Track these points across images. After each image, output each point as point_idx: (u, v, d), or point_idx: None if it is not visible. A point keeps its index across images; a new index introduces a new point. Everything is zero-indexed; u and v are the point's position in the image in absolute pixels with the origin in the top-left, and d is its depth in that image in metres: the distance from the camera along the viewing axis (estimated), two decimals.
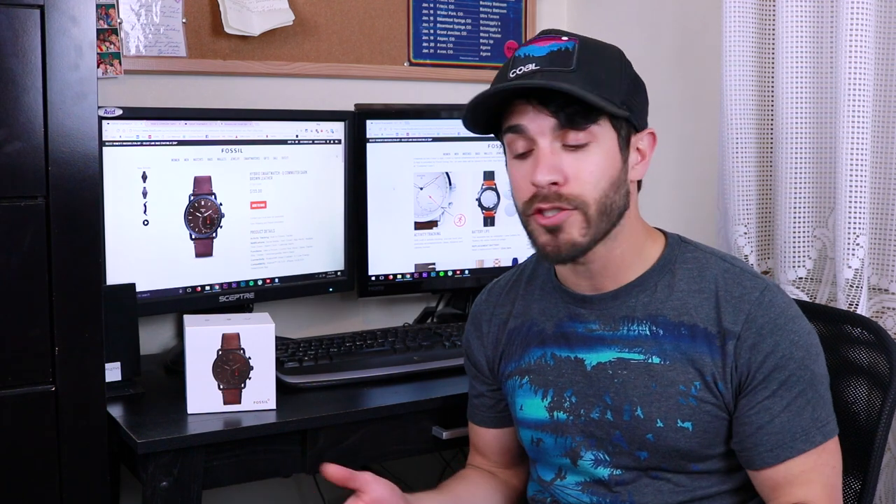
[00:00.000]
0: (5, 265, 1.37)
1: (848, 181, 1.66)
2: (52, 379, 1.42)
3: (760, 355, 1.28)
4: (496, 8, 2.45)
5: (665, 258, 1.37)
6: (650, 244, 1.38)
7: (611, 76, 1.29)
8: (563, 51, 1.27)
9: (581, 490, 1.39)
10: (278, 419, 1.59)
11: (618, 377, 1.34)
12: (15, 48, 1.35)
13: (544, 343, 1.42)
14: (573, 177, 1.27)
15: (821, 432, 1.29)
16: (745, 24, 1.83)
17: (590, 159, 1.28)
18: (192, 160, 1.89)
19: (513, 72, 1.29)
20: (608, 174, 1.29)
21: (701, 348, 1.31)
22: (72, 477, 1.44)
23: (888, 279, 1.71)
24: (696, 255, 1.38)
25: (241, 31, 2.07)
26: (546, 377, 1.40)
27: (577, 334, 1.38)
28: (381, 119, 2.10)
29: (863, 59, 1.64)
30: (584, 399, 1.37)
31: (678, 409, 1.30)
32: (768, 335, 1.29)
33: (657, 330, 1.33)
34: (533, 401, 1.41)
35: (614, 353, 1.35)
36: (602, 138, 1.28)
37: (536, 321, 1.44)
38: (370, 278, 2.13)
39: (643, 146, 1.35)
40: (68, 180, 1.40)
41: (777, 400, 1.28)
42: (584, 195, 1.27)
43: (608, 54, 1.32)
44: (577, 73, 1.25)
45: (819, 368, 1.32)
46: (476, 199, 2.20)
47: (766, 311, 1.30)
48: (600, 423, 1.35)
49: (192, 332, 1.57)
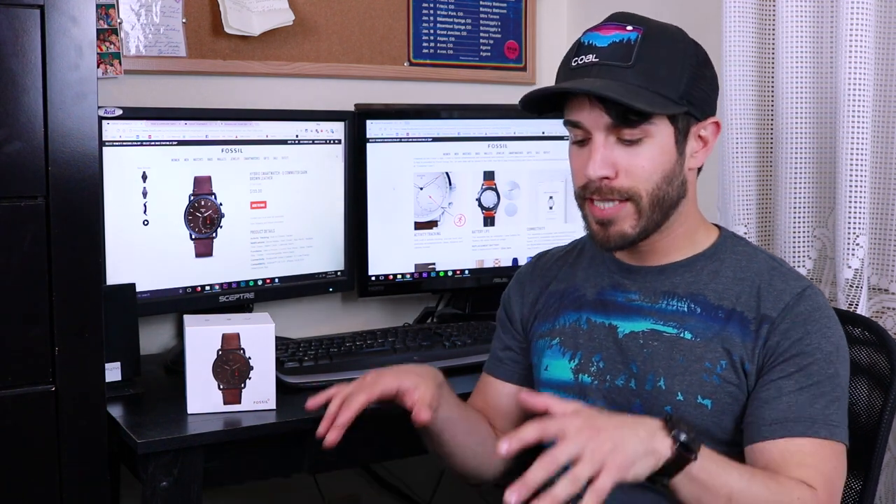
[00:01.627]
0: (5, 265, 1.37)
1: (848, 181, 1.66)
2: (52, 379, 1.42)
3: (788, 341, 1.29)
4: (496, 8, 2.45)
5: (716, 247, 1.39)
6: (703, 233, 1.40)
7: (672, 70, 1.29)
8: (624, 42, 1.28)
9: None
10: (278, 419, 1.59)
11: (648, 347, 1.35)
12: (15, 48, 1.35)
13: (581, 307, 1.43)
14: (625, 171, 1.29)
15: (827, 429, 1.26)
16: (745, 24, 1.83)
17: (644, 154, 1.29)
18: (192, 160, 1.89)
19: (575, 61, 1.30)
20: (661, 168, 1.30)
21: (734, 329, 1.31)
22: (72, 477, 1.44)
23: (888, 279, 1.71)
24: (746, 249, 1.40)
25: (241, 31, 2.07)
26: (577, 340, 1.42)
27: (617, 303, 1.40)
28: (381, 119, 2.10)
29: (863, 59, 1.64)
30: (612, 365, 1.38)
31: (700, 386, 1.31)
32: (801, 324, 1.30)
33: (695, 308, 1.34)
34: (560, 362, 1.43)
35: (649, 324, 1.36)
36: (657, 134, 1.29)
37: (579, 287, 1.46)
38: (370, 278, 2.13)
39: (706, 134, 1.35)
40: (68, 180, 1.40)
41: (790, 382, 1.28)
42: (635, 188, 1.30)
43: (672, 44, 1.31)
44: (634, 69, 1.26)
45: (844, 371, 1.31)
46: (476, 199, 2.20)
47: (804, 303, 1.31)
48: (623, 390, 1.36)
49: (192, 332, 1.57)
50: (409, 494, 2.39)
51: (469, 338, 1.94)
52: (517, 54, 2.48)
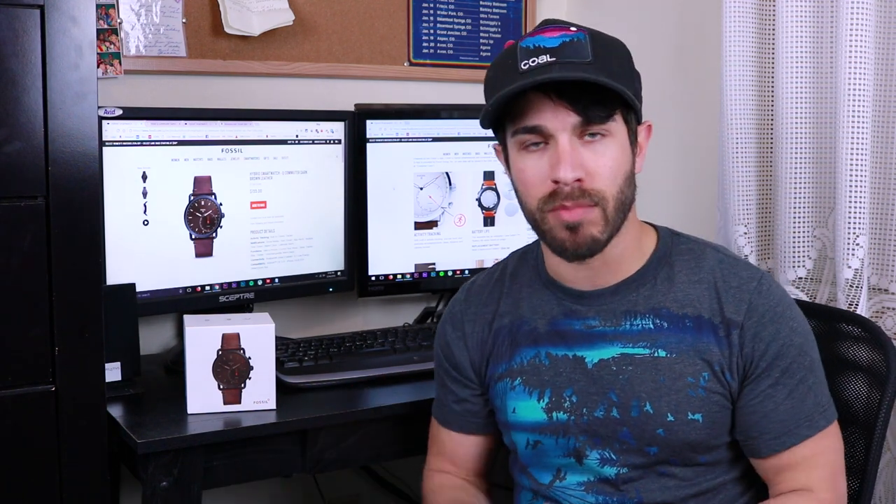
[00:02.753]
0: (5, 265, 1.37)
1: (848, 181, 1.66)
2: (52, 379, 1.42)
3: (763, 344, 1.30)
4: (496, 8, 2.45)
5: (660, 251, 1.37)
6: (644, 237, 1.39)
7: (623, 68, 1.29)
8: (576, 42, 1.24)
9: (584, 490, 1.37)
10: (278, 419, 1.59)
11: (623, 373, 1.33)
12: (15, 48, 1.35)
13: (537, 342, 1.39)
14: (592, 173, 1.25)
15: (823, 416, 1.32)
16: (745, 24, 1.83)
17: (607, 153, 1.26)
18: (192, 160, 1.89)
19: (525, 63, 1.24)
20: (623, 168, 1.29)
21: (707, 338, 1.31)
22: (72, 477, 1.44)
23: (888, 279, 1.71)
24: (690, 246, 1.39)
25: (241, 31, 2.07)
26: (541, 377, 1.38)
27: (575, 331, 1.37)
28: (381, 119, 2.10)
29: (863, 59, 1.64)
30: (587, 398, 1.35)
31: (688, 402, 1.30)
32: (769, 323, 1.30)
33: (661, 322, 1.33)
34: (527, 402, 1.38)
35: (617, 349, 1.34)
36: (617, 133, 1.28)
37: (527, 319, 1.40)
38: (370, 278, 2.13)
39: (641, 139, 1.34)
40: (68, 180, 1.40)
41: (780, 388, 1.30)
42: (605, 190, 1.26)
43: (617, 45, 1.32)
44: (595, 64, 1.23)
45: (815, 353, 1.35)
46: (476, 199, 2.20)
47: (765, 299, 1.32)
48: (605, 421, 1.34)
49: (192, 332, 1.57)
50: (409, 494, 2.39)
51: None
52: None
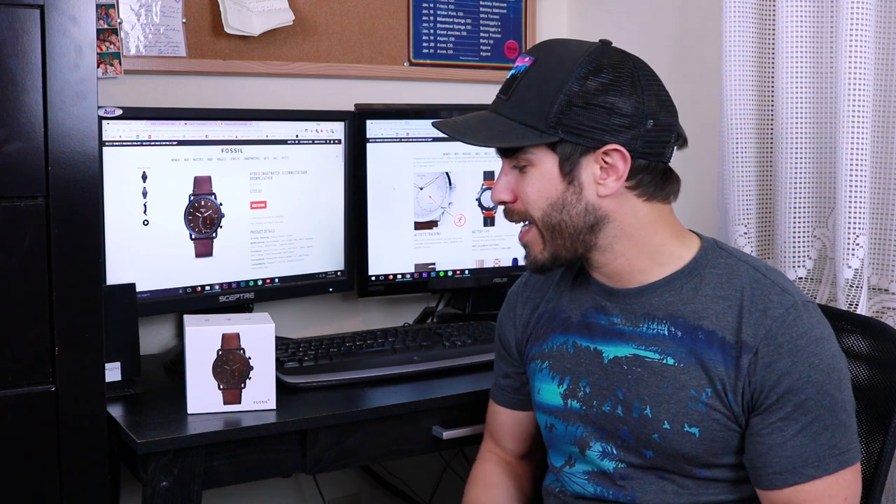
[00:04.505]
0: (5, 265, 1.37)
1: (848, 181, 1.66)
2: (52, 379, 1.42)
3: (775, 375, 1.25)
4: (496, 8, 2.45)
5: (696, 261, 1.35)
6: (676, 248, 1.36)
7: (543, 100, 1.28)
8: (513, 76, 1.34)
9: (587, 479, 1.41)
10: (278, 419, 1.59)
11: (632, 373, 1.35)
12: (15, 48, 1.35)
13: (567, 330, 1.43)
14: (520, 196, 1.35)
15: (836, 460, 1.25)
16: (745, 24, 1.83)
17: (528, 181, 1.33)
18: (192, 160, 1.89)
19: None
20: (545, 196, 1.32)
21: (715, 356, 1.29)
22: (72, 477, 1.44)
23: (888, 279, 1.71)
24: (728, 261, 1.35)
25: (241, 31, 2.07)
26: (565, 364, 1.42)
27: (600, 326, 1.40)
28: (381, 119, 2.10)
29: (863, 59, 1.64)
30: (598, 391, 1.38)
31: (686, 414, 1.30)
32: (786, 355, 1.25)
33: (675, 331, 1.33)
34: (550, 386, 1.44)
35: (631, 348, 1.36)
36: (539, 162, 1.32)
37: (564, 308, 1.46)
38: (370, 278, 2.13)
39: (612, 161, 1.29)
40: (68, 180, 1.40)
41: (791, 423, 1.25)
42: (528, 213, 1.35)
43: (554, 73, 1.29)
44: (510, 101, 1.33)
45: (841, 394, 1.27)
46: (476, 199, 2.20)
47: (787, 329, 1.26)
48: (611, 416, 1.36)
49: (192, 332, 1.57)
50: (409, 494, 2.39)
51: (469, 338, 1.94)
52: (517, 54, 2.48)
